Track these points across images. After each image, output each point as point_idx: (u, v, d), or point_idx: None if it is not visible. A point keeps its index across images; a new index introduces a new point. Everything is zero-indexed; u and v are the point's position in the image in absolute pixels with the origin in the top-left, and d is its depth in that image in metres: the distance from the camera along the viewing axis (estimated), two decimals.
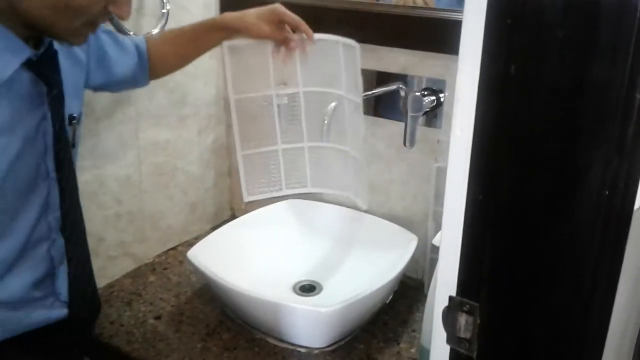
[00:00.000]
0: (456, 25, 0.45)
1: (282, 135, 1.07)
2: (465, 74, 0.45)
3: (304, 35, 0.98)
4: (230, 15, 0.99)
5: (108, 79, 0.96)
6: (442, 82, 1.12)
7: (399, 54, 1.16)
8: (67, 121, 0.83)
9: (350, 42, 0.99)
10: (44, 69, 0.77)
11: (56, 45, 0.79)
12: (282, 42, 0.99)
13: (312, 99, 1.06)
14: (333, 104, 1.07)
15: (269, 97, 1.04)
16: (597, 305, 0.46)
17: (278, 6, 0.97)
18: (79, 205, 0.87)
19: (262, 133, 1.07)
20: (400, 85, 1.16)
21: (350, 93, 1.02)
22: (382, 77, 1.20)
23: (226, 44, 1.00)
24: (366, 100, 1.22)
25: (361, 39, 1.19)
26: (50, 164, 0.80)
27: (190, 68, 1.33)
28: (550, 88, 0.41)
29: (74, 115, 0.85)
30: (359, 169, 1.05)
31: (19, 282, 0.81)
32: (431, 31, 1.10)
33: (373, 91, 1.16)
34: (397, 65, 1.17)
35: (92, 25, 0.77)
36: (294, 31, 0.99)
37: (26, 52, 0.73)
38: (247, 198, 1.08)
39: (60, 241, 0.85)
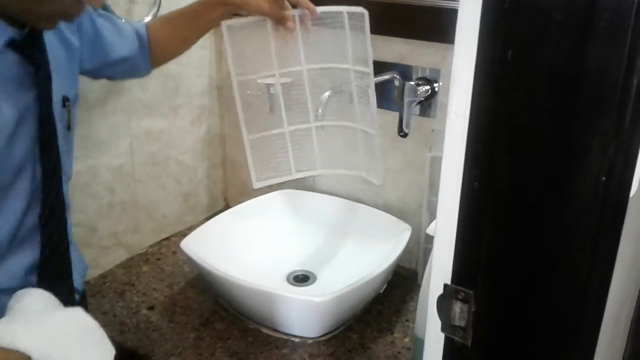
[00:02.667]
0: (451, 14, 0.44)
1: (288, 116, 1.04)
2: (461, 60, 0.45)
3: (306, 11, 0.97)
4: None
5: (103, 61, 0.94)
6: (437, 71, 1.12)
7: (394, 43, 1.15)
8: (60, 103, 0.82)
9: (357, 9, 0.96)
10: (29, 49, 0.76)
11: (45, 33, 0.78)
12: (281, 20, 0.97)
13: (317, 76, 1.04)
14: (327, 93, 1.06)
15: (272, 77, 1.02)
16: (593, 291, 0.46)
17: None
18: (60, 194, 0.85)
19: (266, 116, 1.04)
20: (395, 75, 1.16)
21: (358, 64, 0.99)
22: (377, 67, 1.19)
23: (225, 23, 0.98)
24: None
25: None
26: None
27: (183, 58, 1.32)
28: (547, 73, 0.41)
29: (68, 96, 0.84)
30: (369, 144, 1.02)
31: (17, 269, 0.80)
32: (426, 20, 1.09)
33: None
34: (392, 55, 1.16)
35: (62, 12, 0.75)
36: (294, 7, 0.97)
37: (8, 33, 0.72)
38: (256, 184, 1.05)
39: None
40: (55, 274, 0.86)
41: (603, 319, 0.48)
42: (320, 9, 0.98)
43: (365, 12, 0.96)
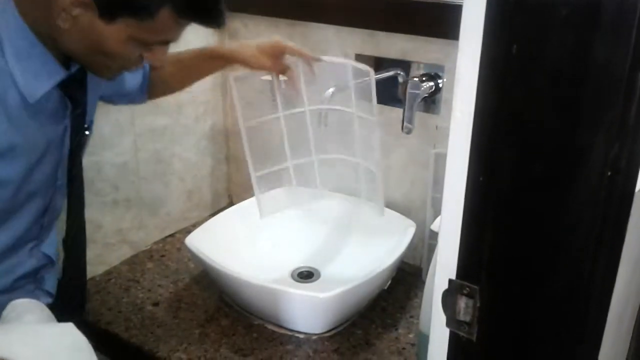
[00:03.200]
0: (455, 10, 0.44)
1: (292, 152, 1.09)
2: (465, 55, 0.45)
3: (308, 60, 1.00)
4: (227, 48, 1.01)
5: (116, 91, 0.97)
6: (441, 67, 1.12)
7: (397, 40, 1.15)
8: (85, 130, 0.85)
9: (363, 66, 1.00)
10: (72, 89, 0.78)
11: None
12: (283, 73, 1.00)
13: (318, 115, 1.08)
14: (331, 90, 1.06)
15: (276, 120, 1.06)
16: (597, 287, 0.46)
17: (279, 40, 0.98)
18: (83, 215, 0.88)
19: (272, 153, 1.09)
20: (399, 71, 1.16)
21: (362, 111, 1.03)
22: (380, 63, 1.19)
23: (232, 76, 1.02)
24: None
25: (359, 25, 1.18)
26: (61, 172, 0.82)
27: None
28: (552, 69, 0.41)
29: (92, 120, 0.87)
30: (372, 180, 1.06)
31: (2, 277, 0.82)
32: (430, 16, 1.09)
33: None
34: (395, 51, 1.16)
35: (126, 68, 0.78)
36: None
37: (60, 74, 0.74)
38: (263, 217, 1.11)
39: (47, 240, 0.86)
40: (72, 297, 0.88)
41: (608, 314, 0.48)
42: (326, 58, 1.00)
43: (371, 70, 0.98)
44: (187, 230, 1.26)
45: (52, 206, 0.84)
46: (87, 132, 0.85)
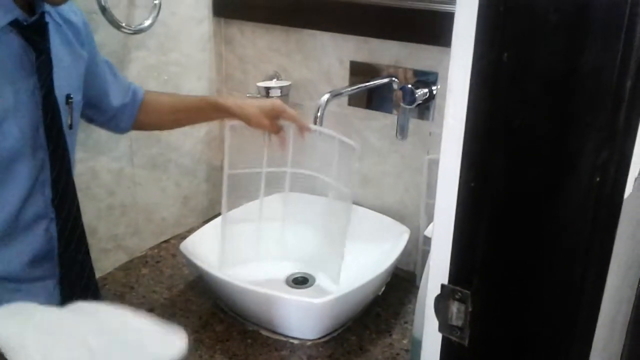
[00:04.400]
0: (449, 17, 0.45)
1: (265, 209, 1.15)
2: (457, 62, 0.45)
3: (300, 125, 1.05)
4: (232, 102, 1.03)
5: (97, 99, 0.97)
6: (435, 74, 1.13)
7: (391, 46, 1.16)
8: (64, 99, 0.84)
9: (349, 142, 1.03)
10: (32, 34, 0.78)
11: (52, 29, 0.82)
12: (277, 133, 1.06)
13: (298, 178, 1.14)
14: (326, 96, 1.07)
15: (258, 174, 1.12)
16: (588, 291, 0.46)
17: (279, 103, 1.03)
18: (70, 178, 0.86)
19: (246, 206, 1.16)
20: (393, 78, 1.16)
21: (340, 183, 1.07)
22: (375, 70, 1.20)
23: (229, 124, 1.05)
24: (359, 93, 1.22)
25: (353, 32, 1.19)
26: (43, 136, 0.81)
27: (183, 60, 1.33)
28: (542, 75, 0.41)
29: (71, 95, 0.86)
30: (335, 252, 1.08)
31: (16, 258, 0.81)
32: (424, 23, 1.10)
33: (365, 84, 1.16)
34: (390, 58, 1.17)
35: None
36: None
37: (15, 13, 0.75)
38: (223, 268, 1.12)
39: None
40: (74, 261, 0.87)
41: (598, 319, 0.48)
42: (316, 128, 1.05)
43: (357, 147, 1.01)
44: (182, 236, 1.26)
45: (48, 177, 0.82)
46: (70, 100, 0.85)
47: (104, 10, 1.05)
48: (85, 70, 0.91)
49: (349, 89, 1.15)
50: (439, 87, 1.12)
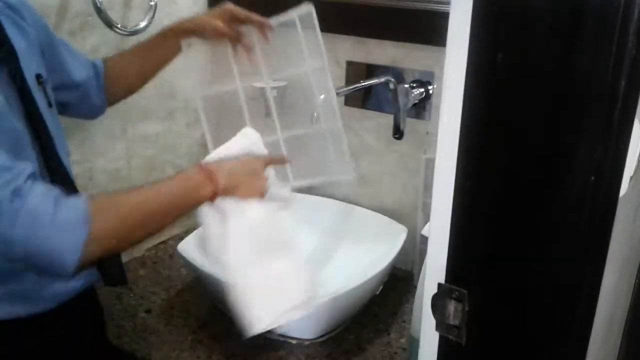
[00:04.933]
0: (444, 17, 0.45)
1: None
2: (452, 62, 0.45)
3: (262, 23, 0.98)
4: (184, 20, 0.99)
5: (60, 80, 0.94)
6: (431, 74, 1.13)
7: (388, 47, 1.16)
8: (35, 80, 0.82)
9: (304, 9, 0.97)
10: None
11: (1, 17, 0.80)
12: (238, 39, 0.99)
13: (282, 91, 1.07)
14: (322, 97, 1.07)
15: (236, 93, 1.03)
16: (584, 291, 0.46)
17: (229, 4, 0.98)
18: (61, 162, 0.85)
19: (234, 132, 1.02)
20: (389, 78, 1.16)
21: (314, 61, 0.99)
22: (371, 70, 1.20)
23: (183, 42, 0.99)
24: (355, 93, 1.22)
25: (349, 32, 1.19)
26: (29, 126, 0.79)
27: (179, 61, 1.32)
28: (536, 75, 0.42)
29: (41, 74, 0.84)
30: (336, 140, 1.01)
31: None
32: (420, 23, 1.10)
33: (362, 83, 1.16)
34: (386, 58, 1.17)
35: None
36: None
37: None
38: None
39: None
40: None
41: (595, 318, 0.48)
42: (274, 20, 0.98)
43: (312, 9, 0.96)
44: (180, 237, 1.26)
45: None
46: (41, 79, 0.83)
47: (99, 11, 1.05)
48: (41, 50, 0.88)
49: (346, 89, 1.15)
50: (435, 86, 1.13)
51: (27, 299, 0.81)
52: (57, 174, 0.83)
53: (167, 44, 1.00)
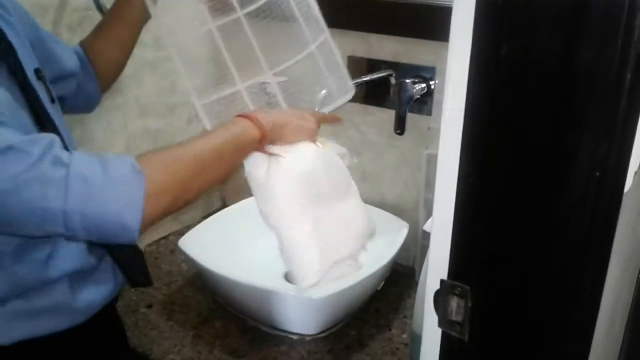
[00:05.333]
0: (446, 12, 0.45)
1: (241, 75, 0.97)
2: (455, 56, 0.45)
3: None
4: None
5: (60, 73, 0.91)
6: (432, 69, 1.12)
7: (389, 41, 1.15)
8: (34, 75, 0.79)
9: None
10: None
11: None
12: None
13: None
14: (323, 92, 1.06)
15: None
16: (587, 287, 0.46)
17: None
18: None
19: (216, 76, 0.97)
20: (391, 73, 1.16)
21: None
22: (372, 65, 1.19)
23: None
24: (356, 88, 1.21)
25: (351, 27, 1.19)
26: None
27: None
28: (541, 68, 0.41)
29: (39, 68, 0.81)
30: (331, 54, 0.97)
31: (74, 247, 0.79)
32: (421, 18, 1.10)
33: (363, 78, 1.16)
34: (387, 53, 1.16)
35: None
36: None
37: None
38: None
39: None
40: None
41: (599, 313, 0.48)
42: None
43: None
44: (180, 233, 1.26)
45: None
46: (41, 73, 0.81)
47: (100, 7, 1.04)
48: (31, 45, 0.85)
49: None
50: (436, 81, 1.12)
51: (61, 312, 0.79)
52: None
53: (133, 4, 0.95)
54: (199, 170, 0.74)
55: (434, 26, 1.03)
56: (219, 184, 0.83)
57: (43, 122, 0.77)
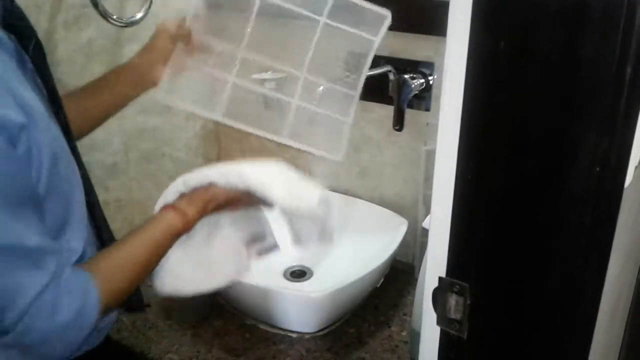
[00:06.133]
0: (445, 6, 0.44)
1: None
2: (453, 51, 0.44)
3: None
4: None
5: None
6: (431, 64, 1.11)
7: (387, 37, 1.14)
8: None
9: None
10: (14, 22, 0.70)
11: None
12: (188, 43, 0.94)
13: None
14: (321, 88, 1.06)
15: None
16: (588, 284, 0.45)
17: (160, 25, 0.93)
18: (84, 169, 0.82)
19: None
20: (389, 68, 1.15)
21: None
22: (371, 61, 1.18)
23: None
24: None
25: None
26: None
27: None
28: (540, 63, 0.41)
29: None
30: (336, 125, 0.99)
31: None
32: (419, 13, 1.09)
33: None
34: (385, 48, 1.16)
35: None
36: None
37: None
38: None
39: None
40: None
41: (599, 310, 0.47)
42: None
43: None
44: None
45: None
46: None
47: (95, 3, 1.03)
48: None
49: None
50: (435, 77, 1.11)
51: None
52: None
53: (122, 83, 0.94)
54: (140, 271, 0.78)
55: (433, 21, 1.02)
56: None
57: (68, 133, 0.75)
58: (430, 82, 1.12)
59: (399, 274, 1.21)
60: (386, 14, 0.94)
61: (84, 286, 0.69)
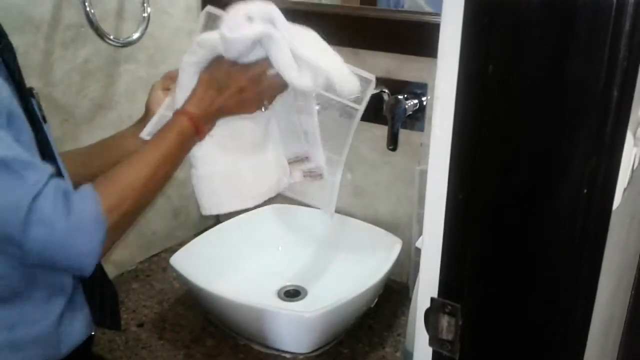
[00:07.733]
0: (438, 29, 0.45)
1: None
2: (444, 74, 0.45)
3: None
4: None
5: None
6: (424, 85, 1.13)
7: (381, 58, 1.16)
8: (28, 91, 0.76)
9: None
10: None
11: None
12: None
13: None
14: (317, 108, 1.06)
15: None
16: (578, 304, 0.46)
17: (169, 72, 0.94)
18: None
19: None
20: (383, 89, 1.16)
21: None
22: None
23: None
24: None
25: (343, 43, 1.19)
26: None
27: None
28: (527, 86, 0.41)
29: (32, 87, 0.78)
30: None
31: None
32: (413, 35, 1.10)
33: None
34: (380, 69, 1.17)
35: None
36: None
37: None
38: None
39: None
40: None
41: (590, 330, 0.48)
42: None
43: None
44: (173, 250, 1.25)
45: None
46: (35, 91, 0.78)
47: (91, 23, 1.04)
48: None
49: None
50: (428, 97, 1.12)
51: (49, 345, 0.77)
52: None
53: (123, 145, 0.95)
54: (153, 181, 0.78)
55: (426, 43, 1.03)
56: None
57: (41, 138, 0.74)
58: (424, 103, 1.13)
59: (393, 294, 1.20)
60: (371, 78, 0.96)
61: (81, 191, 0.69)
